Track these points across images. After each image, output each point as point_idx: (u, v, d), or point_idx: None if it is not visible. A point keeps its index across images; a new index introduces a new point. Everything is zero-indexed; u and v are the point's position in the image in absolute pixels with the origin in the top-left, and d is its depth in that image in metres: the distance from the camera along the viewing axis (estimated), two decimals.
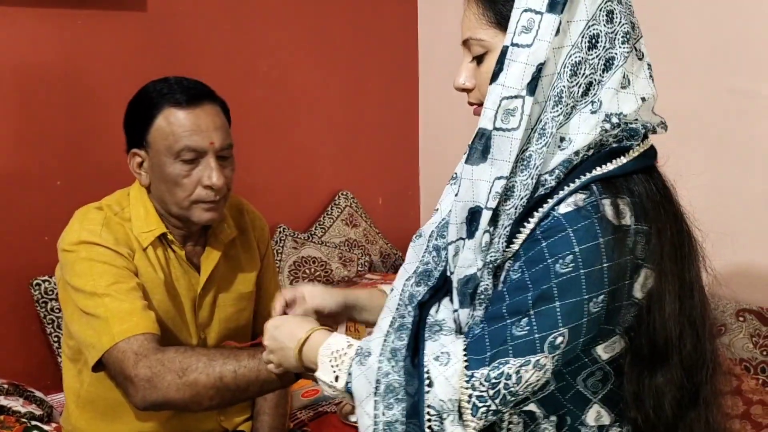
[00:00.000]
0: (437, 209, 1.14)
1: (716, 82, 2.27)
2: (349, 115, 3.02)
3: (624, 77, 0.98)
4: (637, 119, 1.00)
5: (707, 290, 1.07)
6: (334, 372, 1.02)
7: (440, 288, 1.06)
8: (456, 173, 1.09)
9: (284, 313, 1.24)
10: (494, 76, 0.96)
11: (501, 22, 0.99)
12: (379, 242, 3.02)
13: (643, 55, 1.01)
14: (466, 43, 1.04)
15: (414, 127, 3.29)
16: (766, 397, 2.01)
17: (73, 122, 2.26)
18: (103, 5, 2.27)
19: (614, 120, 0.97)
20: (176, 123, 1.42)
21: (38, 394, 2.00)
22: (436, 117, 3.16)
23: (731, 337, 2.16)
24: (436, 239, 1.10)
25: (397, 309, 1.06)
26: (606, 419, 1.04)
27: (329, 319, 1.25)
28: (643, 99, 0.99)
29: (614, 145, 0.99)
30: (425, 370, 0.95)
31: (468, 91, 1.05)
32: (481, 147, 0.97)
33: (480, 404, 0.93)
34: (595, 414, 1.03)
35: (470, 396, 0.93)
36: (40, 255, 2.16)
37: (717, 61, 2.26)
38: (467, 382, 0.93)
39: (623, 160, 0.98)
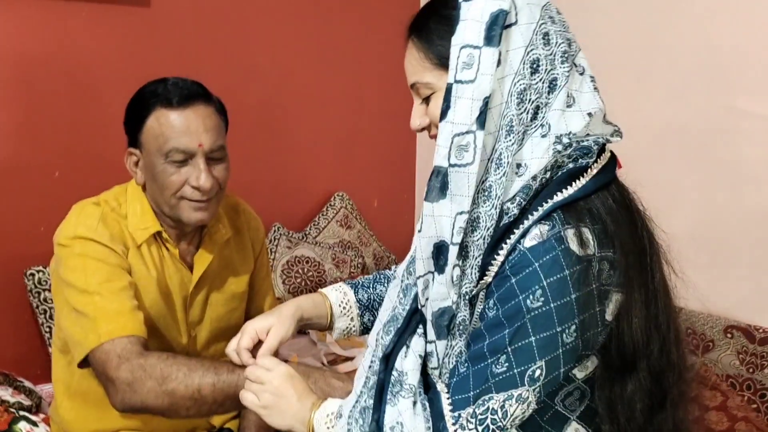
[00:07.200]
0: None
1: (713, 100, 2.27)
2: (347, 116, 3.02)
3: (568, 96, 0.98)
4: (588, 135, 1.00)
5: (675, 295, 1.08)
6: None
7: (405, 329, 1.07)
8: None
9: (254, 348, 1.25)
10: (443, 114, 0.97)
11: (442, 62, 1.00)
12: (373, 244, 3.02)
13: (583, 70, 1.01)
14: (413, 86, 1.05)
15: (411, 131, 3.29)
16: (750, 414, 2.02)
17: (73, 114, 2.26)
18: None
19: (565, 140, 0.97)
20: (166, 124, 1.41)
21: (28, 384, 2.00)
22: None
23: (719, 354, 2.17)
24: (407, 279, 1.12)
25: (371, 366, 1.07)
26: None
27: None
28: (590, 114, 0.99)
29: (570, 165, 0.99)
30: None
31: (426, 129, 1.07)
32: (438, 184, 0.97)
33: None
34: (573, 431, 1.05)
35: None
36: (36, 245, 2.16)
37: (714, 79, 2.27)
38: (455, 422, 0.96)
39: (583, 181, 0.98)
